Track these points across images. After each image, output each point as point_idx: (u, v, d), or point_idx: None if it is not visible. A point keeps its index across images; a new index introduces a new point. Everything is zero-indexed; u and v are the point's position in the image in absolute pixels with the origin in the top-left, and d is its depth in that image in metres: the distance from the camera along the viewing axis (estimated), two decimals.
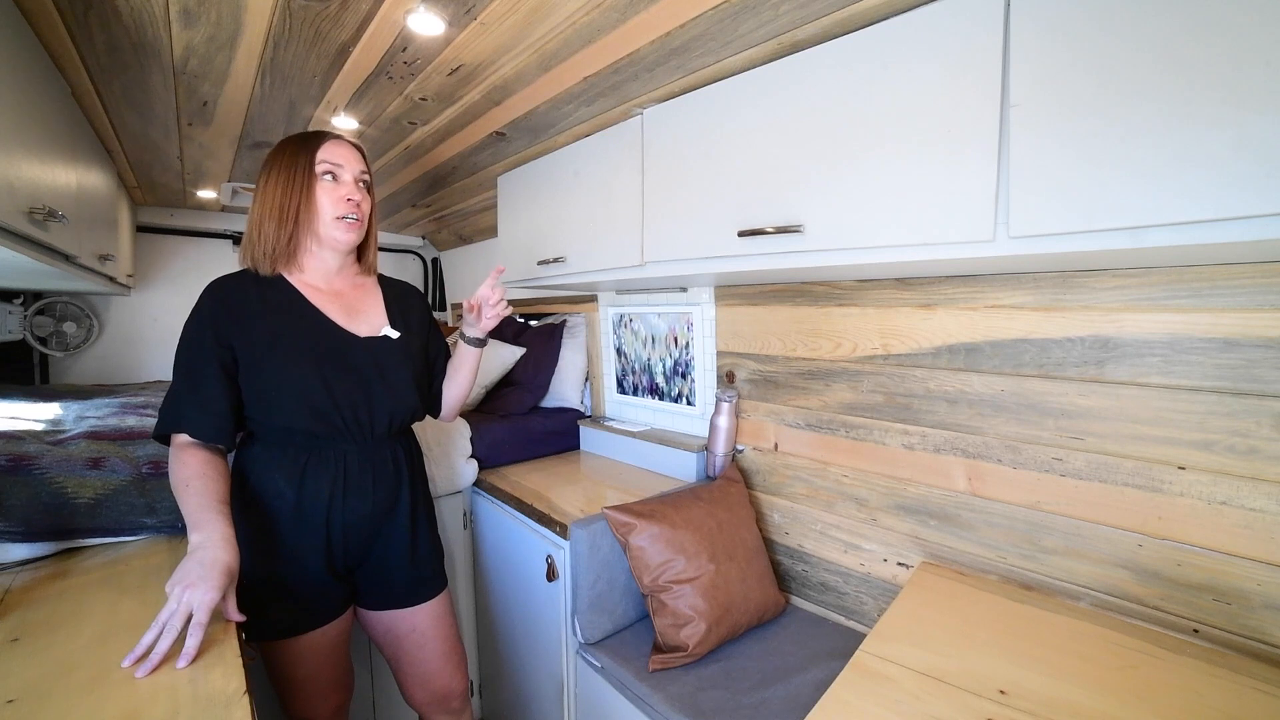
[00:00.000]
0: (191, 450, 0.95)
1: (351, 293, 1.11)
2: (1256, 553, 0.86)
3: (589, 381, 2.17)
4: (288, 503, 1.01)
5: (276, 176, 1.01)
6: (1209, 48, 0.63)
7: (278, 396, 0.98)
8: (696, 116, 1.21)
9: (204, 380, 0.96)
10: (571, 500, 1.48)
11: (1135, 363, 0.95)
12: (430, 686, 1.19)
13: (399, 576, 1.13)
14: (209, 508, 0.88)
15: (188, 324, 0.98)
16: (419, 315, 1.20)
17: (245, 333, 0.98)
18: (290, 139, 1.04)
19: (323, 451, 1.03)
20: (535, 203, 1.74)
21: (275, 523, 1.01)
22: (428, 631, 1.16)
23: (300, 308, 1.03)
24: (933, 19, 0.85)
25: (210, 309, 0.98)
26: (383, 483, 1.09)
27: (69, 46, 1.07)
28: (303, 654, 1.04)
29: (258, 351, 0.98)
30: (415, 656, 1.17)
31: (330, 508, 1.03)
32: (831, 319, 1.36)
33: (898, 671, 0.84)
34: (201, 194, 2.25)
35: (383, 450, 1.09)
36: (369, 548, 1.10)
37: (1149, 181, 0.68)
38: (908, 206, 0.89)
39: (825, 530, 1.40)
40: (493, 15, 0.98)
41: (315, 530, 1.02)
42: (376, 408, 1.05)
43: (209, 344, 0.96)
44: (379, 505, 1.08)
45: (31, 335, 2.19)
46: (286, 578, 1.02)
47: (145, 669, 0.72)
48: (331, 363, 1.01)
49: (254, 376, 0.97)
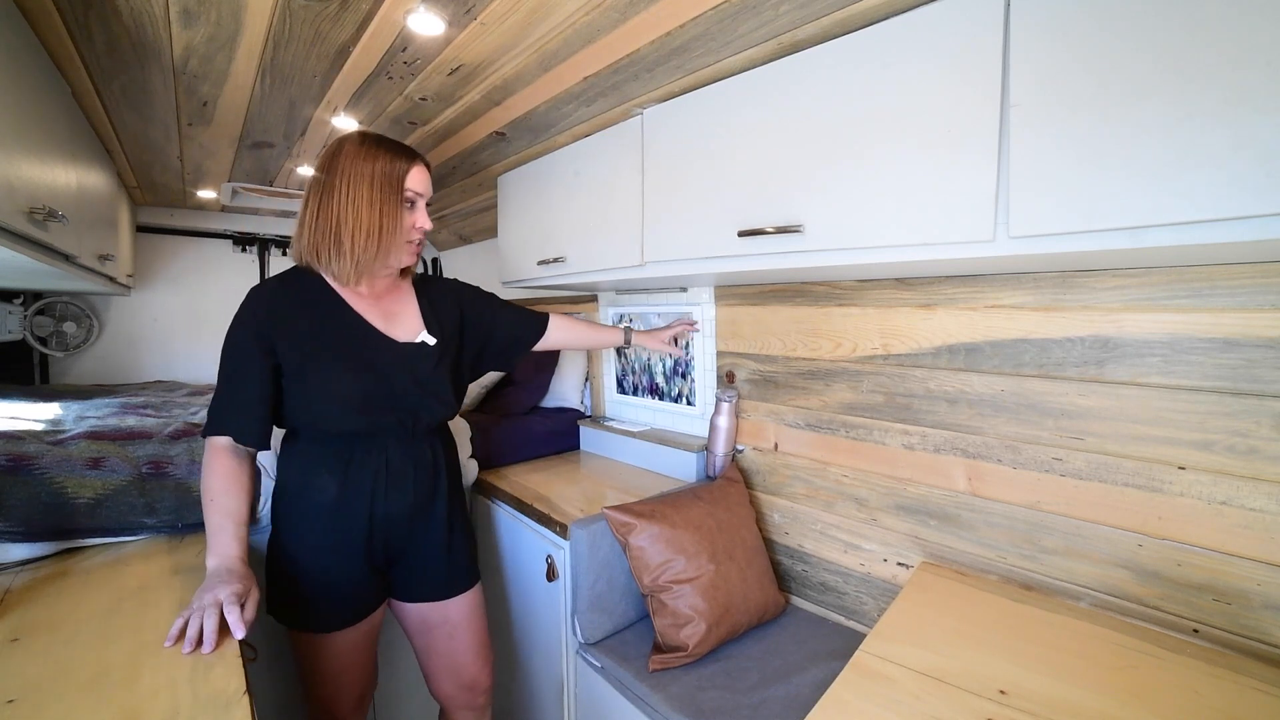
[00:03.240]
0: (223, 458, 0.98)
1: (388, 297, 1.12)
2: (1256, 553, 0.86)
3: (589, 381, 2.17)
4: (329, 496, 1.03)
5: (370, 194, 0.99)
6: (1209, 48, 0.63)
7: (320, 401, 1.00)
8: (696, 116, 1.21)
9: (245, 385, 0.98)
10: (571, 500, 1.48)
11: (1135, 363, 0.95)
12: (459, 679, 1.21)
13: (434, 569, 1.15)
14: (225, 529, 0.94)
15: (232, 328, 0.99)
16: (460, 312, 1.22)
17: (288, 338, 0.99)
18: (377, 150, 1.01)
19: (365, 447, 1.05)
20: (535, 203, 1.74)
21: (317, 517, 1.03)
22: (460, 624, 1.18)
23: (343, 314, 1.05)
24: (933, 19, 0.85)
25: (254, 314, 0.99)
26: (422, 476, 1.11)
27: (69, 46, 1.07)
28: (336, 648, 1.07)
29: (300, 357, 0.99)
30: (445, 648, 1.19)
31: (373, 500, 1.05)
32: (831, 319, 1.36)
33: (898, 671, 0.84)
34: (201, 194, 2.25)
35: (422, 446, 1.12)
36: (407, 541, 1.12)
37: (1149, 181, 0.68)
38: (908, 206, 0.89)
39: (825, 530, 1.40)
40: (493, 15, 0.98)
41: (357, 523, 1.05)
42: (417, 411, 1.08)
43: (251, 349, 0.97)
44: (418, 498, 1.10)
45: (31, 335, 2.19)
46: (327, 572, 1.04)
47: (188, 646, 0.77)
48: (375, 369, 1.03)
49: (297, 382, 0.99)
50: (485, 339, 1.27)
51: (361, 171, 1.00)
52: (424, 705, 1.63)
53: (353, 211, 0.99)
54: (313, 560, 1.03)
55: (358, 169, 1.00)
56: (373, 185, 1.00)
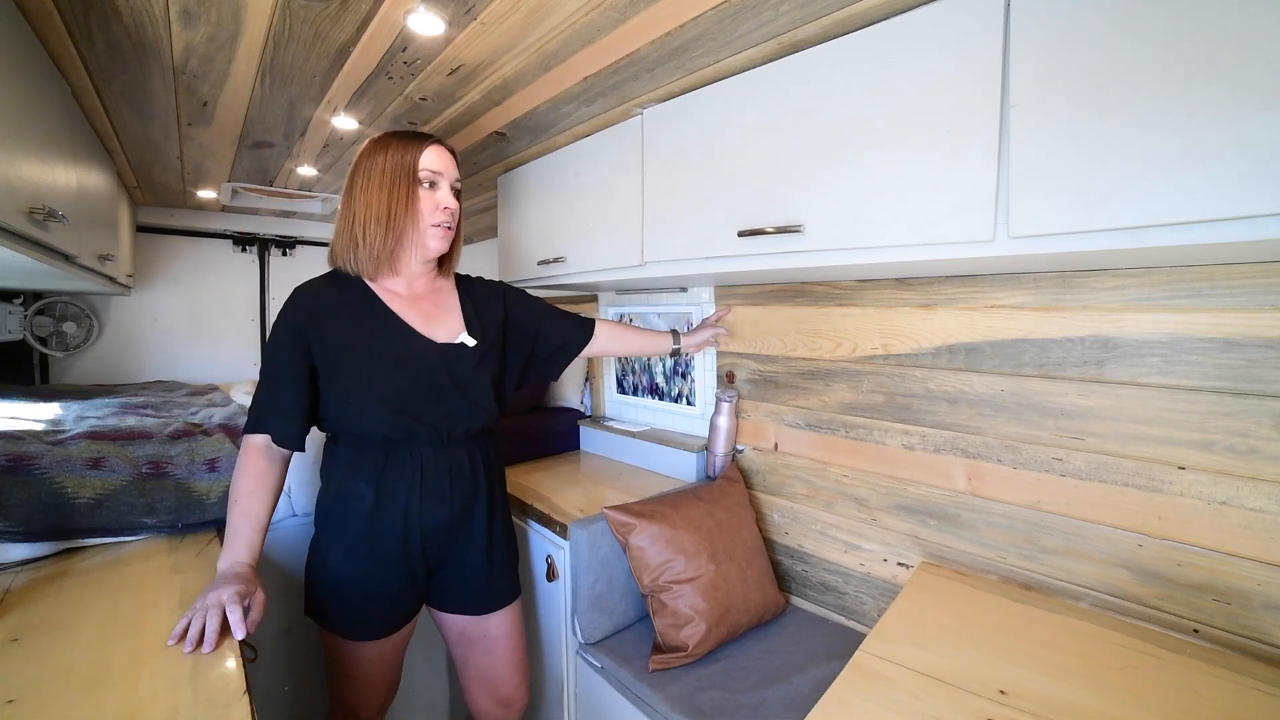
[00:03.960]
0: (256, 458, 0.99)
1: (430, 298, 1.10)
2: (1256, 553, 0.86)
3: (589, 381, 2.17)
4: (365, 504, 1.02)
5: (380, 180, 1.00)
6: (1209, 47, 0.63)
7: (355, 402, 0.99)
8: (696, 116, 1.21)
9: (282, 385, 0.99)
10: (571, 500, 1.48)
11: (1135, 363, 0.95)
12: (495, 694, 1.19)
13: (475, 583, 1.13)
14: (241, 533, 0.95)
15: (273, 328, 1.01)
16: (504, 315, 1.19)
17: (324, 339, 0.99)
18: (389, 139, 1.03)
19: (399, 454, 1.03)
20: (535, 203, 1.74)
21: (355, 524, 1.02)
22: (500, 640, 1.16)
23: (379, 314, 1.03)
24: (933, 18, 0.85)
25: (293, 314, 0.99)
26: (460, 486, 1.08)
27: (69, 46, 1.07)
28: (367, 657, 1.06)
29: (336, 358, 0.99)
30: (483, 662, 1.17)
31: (407, 510, 1.03)
32: (831, 319, 1.36)
33: (898, 671, 0.84)
34: (201, 194, 2.25)
35: (460, 453, 1.08)
36: (446, 552, 1.10)
37: (1149, 181, 0.68)
38: (908, 206, 0.89)
39: (825, 530, 1.40)
40: (493, 15, 0.98)
41: (393, 533, 1.03)
42: (454, 414, 1.05)
43: (289, 349, 0.98)
44: (456, 508, 1.07)
45: (31, 335, 2.19)
46: (365, 580, 1.03)
47: (188, 646, 0.77)
48: (409, 370, 1.02)
49: (332, 382, 0.99)
50: (531, 344, 1.23)
51: (375, 164, 1.01)
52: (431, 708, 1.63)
53: (364, 203, 1.00)
54: (350, 568, 1.02)
55: (372, 163, 1.01)
56: (384, 173, 1.00)
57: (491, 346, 1.13)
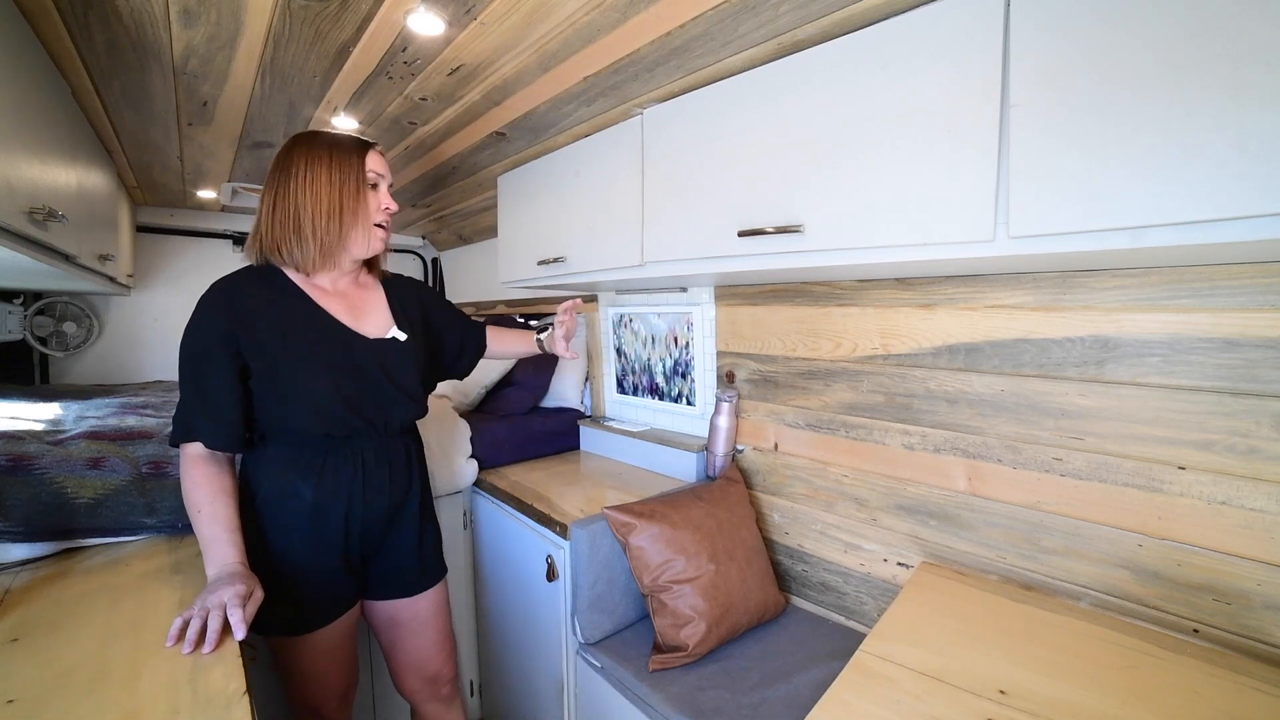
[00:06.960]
0: (201, 466, 0.95)
1: (355, 293, 1.10)
2: (1256, 553, 0.86)
3: (589, 381, 2.17)
4: (305, 503, 1.00)
5: (329, 175, 0.99)
6: (1209, 47, 0.63)
7: (292, 401, 0.97)
8: (696, 116, 1.21)
9: (212, 387, 0.95)
10: (571, 500, 1.48)
11: (1135, 363, 0.95)
12: (424, 672, 1.21)
13: (406, 566, 1.15)
14: (219, 538, 0.92)
15: (190, 329, 0.95)
16: (422, 312, 1.20)
17: (253, 337, 0.96)
18: (335, 140, 1.02)
19: (339, 450, 1.03)
20: (535, 203, 1.74)
21: (290, 523, 1.01)
22: (427, 619, 1.19)
23: (310, 310, 1.02)
24: (933, 18, 0.85)
25: (215, 313, 0.95)
26: (398, 478, 1.11)
27: (69, 46, 1.07)
28: (314, 648, 1.05)
29: (268, 356, 0.96)
30: (411, 643, 1.19)
31: (350, 504, 1.04)
32: (831, 319, 1.36)
33: (898, 671, 0.84)
34: (201, 194, 2.25)
35: (395, 445, 1.11)
36: (382, 539, 1.11)
37: (1149, 181, 0.68)
38: (907, 206, 0.89)
39: (825, 530, 1.40)
40: (493, 15, 0.98)
41: (335, 528, 1.03)
42: (388, 409, 1.06)
43: (215, 349, 0.94)
44: (394, 499, 1.10)
45: (31, 335, 2.19)
46: (300, 576, 1.02)
47: (188, 647, 0.77)
48: (343, 365, 1.01)
49: (266, 381, 0.96)
50: (442, 342, 1.25)
51: (318, 156, 1.00)
52: None
53: (311, 195, 0.98)
54: (289, 566, 1.00)
55: (314, 155, 1.00)
56: (331, 166, 0.99)
57: (418, 341, 1.14)
